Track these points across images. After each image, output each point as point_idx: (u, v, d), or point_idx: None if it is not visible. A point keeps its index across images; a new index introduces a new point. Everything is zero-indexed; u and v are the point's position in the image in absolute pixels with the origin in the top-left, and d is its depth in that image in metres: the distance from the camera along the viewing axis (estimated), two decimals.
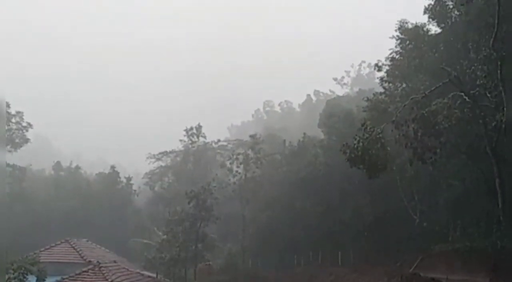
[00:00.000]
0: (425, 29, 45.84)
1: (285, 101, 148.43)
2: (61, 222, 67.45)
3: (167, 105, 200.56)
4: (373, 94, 48.83)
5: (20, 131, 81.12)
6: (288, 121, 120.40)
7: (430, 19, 44.59)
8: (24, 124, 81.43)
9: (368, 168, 34.11)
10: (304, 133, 66.91)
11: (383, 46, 50.66)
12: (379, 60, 49.68)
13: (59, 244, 44.04)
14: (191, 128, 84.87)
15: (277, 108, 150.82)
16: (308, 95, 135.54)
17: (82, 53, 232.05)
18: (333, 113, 61.71)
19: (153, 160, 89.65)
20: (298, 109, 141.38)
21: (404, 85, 45.52)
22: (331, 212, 54.78)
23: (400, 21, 47.55)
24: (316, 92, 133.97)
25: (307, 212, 57.70)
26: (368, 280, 40.03)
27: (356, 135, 34.76)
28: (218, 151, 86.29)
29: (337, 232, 54.03)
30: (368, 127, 34.64)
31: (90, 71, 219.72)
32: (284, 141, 70.80)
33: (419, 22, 46.30)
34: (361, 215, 51.63)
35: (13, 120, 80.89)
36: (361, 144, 33.58)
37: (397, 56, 47.75)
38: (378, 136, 33.91)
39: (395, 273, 36.53)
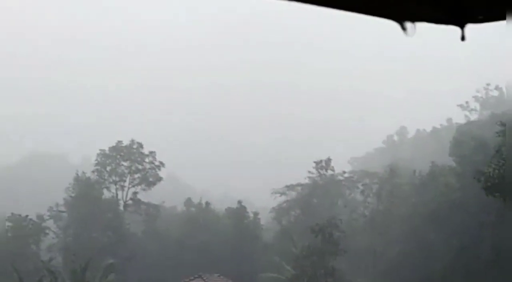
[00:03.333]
0: None
1: (418, 130, 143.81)
2: (193, 258, 69.16)
3: (289, 133, 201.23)
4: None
5: (153, 171, 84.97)
6: (415, 150, 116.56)
7: None
8: (157, 163, 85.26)
9: (507, 197, 31.88)
10: (432, 162, 64.27)
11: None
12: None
13: (192, 280, 45.02)
14: (320, 161, 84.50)
15: (405, 137, 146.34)
16: (437, 123, 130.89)
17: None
18: (464, 140, 58.90)
19: (279, 194, 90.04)
20: (425, 137, 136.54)
21: None
22: (468, 246, 51.54)
23: None
24: (449, 120, 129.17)
25: (441, 247, 54.82)
26: None
27: (491, 162, 32.70)
28: (344, 183, 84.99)
29: (474, 271, 50.49)
30: (504, 153, 32.50)
31: (218, 107, 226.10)
32: (415, 171, 68.37)
33: None
34: (504, 250, 48.05)
35: (147, 160, 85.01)
36: (497, 171, 31.53)
37: None
38: None
39: None
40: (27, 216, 65.97)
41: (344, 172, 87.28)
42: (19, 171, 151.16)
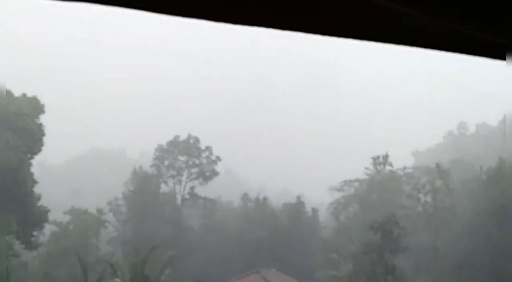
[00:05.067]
0: None
1: (482, 123, 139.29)
2: (250, 253, 68.97)
3: (348, 127, 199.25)
4: None
5: (210, 165, 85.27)
6: (483, 145, 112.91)
7: None
8: (213, 158, 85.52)
9: None
10: (500, 158, 61.81)
11: None
12: None
13: (250, 275, 44.81)
14: (378, 157, 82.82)
15: (471, 131, 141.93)
16: (504, 116, 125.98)
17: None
18: None
19: (336, 190, 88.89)
20: (492, 132, 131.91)
21: None
22: None
23: None
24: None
25: (508, 244, 52.68)
26: None
27: None
28: (404, 178, 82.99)
29: None
30: None
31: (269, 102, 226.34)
32: (481, 167, 65.96)
33: None
34: None
35: (203, 155, 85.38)
36: None
37: None
38: None
39: None
40: (87, 209, 67.24)
41: (405, 168, 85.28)
42: (79, 166, 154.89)
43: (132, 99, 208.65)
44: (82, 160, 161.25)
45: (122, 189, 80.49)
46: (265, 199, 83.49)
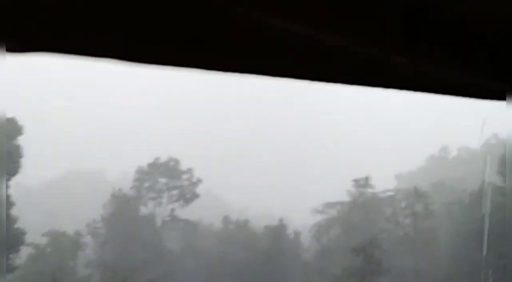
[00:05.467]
0: None
1: (464, 146, 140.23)
2: (231, 276, 68.16)
3: (329, 149, 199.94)
4: None
5: (191, 187, 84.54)
6: (465, 168, 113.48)
7: None
8: (194, 180, 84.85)
9: None
10: (483, 181, 62.09)
11: None
12: None
13: None
14: (359, 179, 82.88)
15: (453, 154, 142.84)
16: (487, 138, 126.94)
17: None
18: None
19: (318, 212, 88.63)
20: (474, 155, 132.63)
21: None
22: None
23: None
24: (494, 135, 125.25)
25: (485, 266, 52.73)
26: None
27: None
28: (386, 201, 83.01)
29: None
30: None
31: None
32: (465, 190, 66.25)
33: None
34: None
35: (184, 176, 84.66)
36: None
37: None
38: None
39: None
40: (64, 231, 66.10)
41: (386, 190, 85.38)
42: (57, 187, 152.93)
43: (112, 121, 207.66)
44: (61, 181, 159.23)
45: (101, 211, 79.35)
46: (246, 221, 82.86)
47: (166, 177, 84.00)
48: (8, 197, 54.91)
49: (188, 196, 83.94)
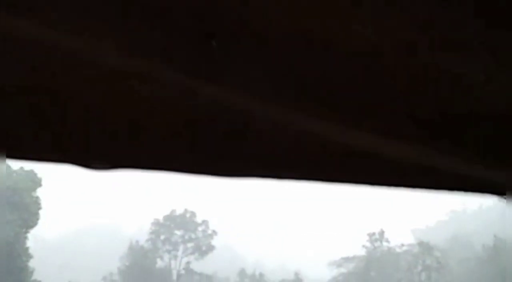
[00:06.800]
0: None
1: (480, 202, 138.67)
2: None
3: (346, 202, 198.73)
4: None
5: (206, 239, 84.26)
6: (482, 223, 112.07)
7: None
8: (210, 232, 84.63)
9: None
10: (495, 236, 61.54)
11: None
12: None
13: None
14: (374, 233, 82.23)
15: (471, 209, 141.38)
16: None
17: None
18: None
19: (335, 266, 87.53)
20: (490, 210, 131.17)
21: None
22: None
23: None
24: None
25: None
26: None
27: None
28: (402, 255, 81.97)
29: None
30: None
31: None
32: (483, 245, 65.43)
33: None
34: None
35: (199, 228, 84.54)
36: None
37: None
38: None
39: None
40: None
41: (403, 245, 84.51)
42: (74, 241, 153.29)
43: (129, 174, 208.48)
44: (78, 234, 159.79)
45: (118, 264, 79.34)
46: (261, 275, 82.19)
47: (182, 229, 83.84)
48: (26, 249, 55.47)
49: (203, 248, 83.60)
